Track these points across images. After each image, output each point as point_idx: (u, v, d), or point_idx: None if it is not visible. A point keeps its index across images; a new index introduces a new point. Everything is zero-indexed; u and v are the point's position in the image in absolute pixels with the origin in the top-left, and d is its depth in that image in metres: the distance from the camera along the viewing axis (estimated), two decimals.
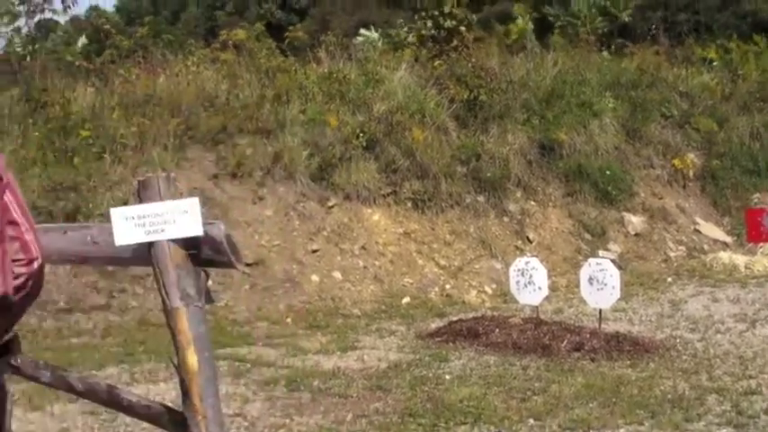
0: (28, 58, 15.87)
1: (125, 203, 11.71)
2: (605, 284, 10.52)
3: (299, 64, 17.65)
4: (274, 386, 9.03)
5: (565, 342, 10.17)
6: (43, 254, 3.27)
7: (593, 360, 9.74)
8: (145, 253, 3.81)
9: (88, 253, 4.30)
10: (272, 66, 16.89)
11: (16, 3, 13.25)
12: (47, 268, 3.35)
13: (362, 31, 24.10)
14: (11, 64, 16.45)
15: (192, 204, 3.68)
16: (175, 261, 3.72)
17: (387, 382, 9.04)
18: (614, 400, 8.23)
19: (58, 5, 13.75)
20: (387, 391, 8.77)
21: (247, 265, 12.40)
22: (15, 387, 6.49)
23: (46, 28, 22.57)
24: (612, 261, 11.75)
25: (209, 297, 3.86)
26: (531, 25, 22.63)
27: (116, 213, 3.81)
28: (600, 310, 10.85)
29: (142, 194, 3.80)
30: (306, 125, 15.54)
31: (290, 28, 21.65)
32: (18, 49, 15.61)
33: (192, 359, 3.72)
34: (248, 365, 9.85)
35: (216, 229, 3.71)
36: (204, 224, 3.69)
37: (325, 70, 17.38)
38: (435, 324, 12.05)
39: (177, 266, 3.72)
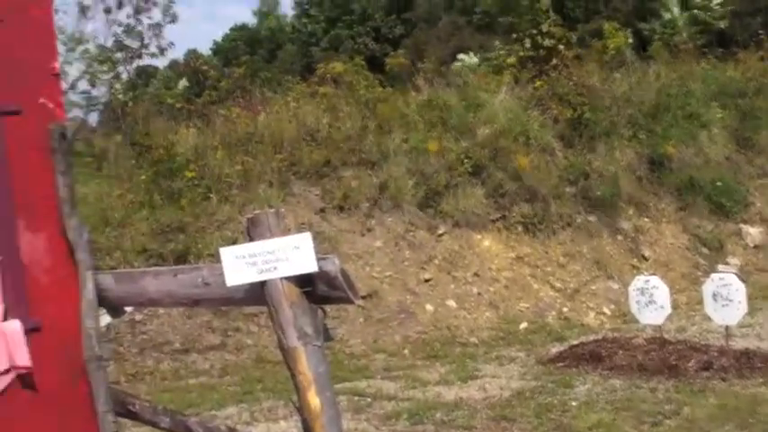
0: (130, 104, 16.10)
1: (234, 242, 11.73)
2: (730, 300, 10.14)
3: (398, 93, 17.58)
4: (396, 420, 8.85)
5: (692, 362, 9.80)
6: None
7: (723, 379, 9.35)
8: (258, 292, 3.68)
9: (200, 295, 4.20)
10: (372, 97, 16.84)
11: (114, 50, 13.45)
12: (161, 310, 3.29)
13: (460, 56, 23.95)
14: (114, 110, 16.72)
15: (305, 240, 3.53)
16: (290, 299, 3.58)
17: (511, 412, 8.79)
18: (751, 420, 7.87)
19: (154, 50, 13.89)
20: (512, 420, 8.53)
21: (361, 297, 12.30)
22: (136, 431, 6.47)
23: (146, 74, 22.97)
24: (736, 275, 11.31)
25: (327, 335, 3.71)
26: (630, 40, 22.18)
27: (226, 253, 3.69)
28: (726, 327, 10.44)
29: (252, 232, 3.67)
30: (409, 154, 15.43)
31: (391, 54, 21.58)
32: (119, 96, 15.85)
33: (314, 401, 3.57)
34: (368, 399, 9.70)
35: (330, 263, 3.55)
36: (318, 259, 3.53)
37: (425, 98, 17.27)
38: (555, 348, 11.77)
39: (292, 305, 3.58)
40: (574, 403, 8.98)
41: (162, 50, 13.67)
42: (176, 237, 13.22)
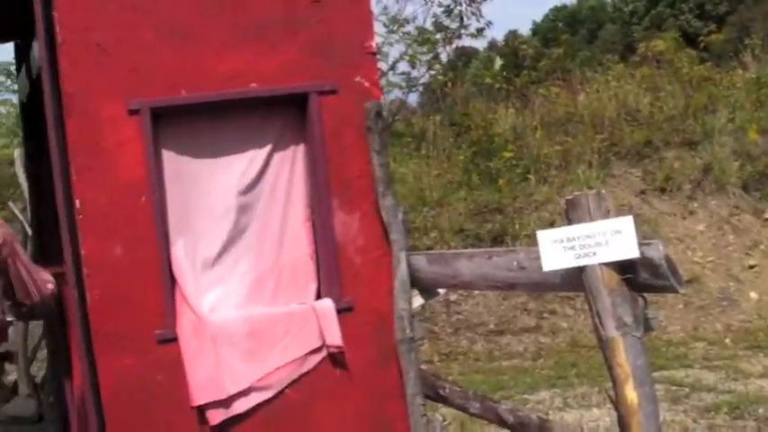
0: (449, 85, 16.21)
1: (551, 224, 11.53)
2: None
3: (722, 71, 16.72)
4: (716, 413, 8.36)
5: None
6: None
7: None
8: (575, 278, 3.49)
9: (515, 279, 4.05)
10: (695, 75, 16.10)
11: (434, 31, 13.56)
12: (476, 291, 3.20)
13: None
14: (433, 91, 16.90)
15: (626, 223, 3.29)
16: (609, 286, 3.35)
17: None
18: None
19: (473, 30, 13.88)
20: None
21: None
22: (446, 412, 6.42)
23: (466, 55, 23.17)
24: None
25: (647, 325, 3.46)
26: None
27: (544, 236, 3.52)
28: None
29: (571, 215, 3.46)
30: (734, 134, 14.62)
31: (714, 31, 20.64)
32: (439, 77, 16.00)
33: (632, 395, 3.34)
34: (686, 390, 9.23)
35: (654, 249, 3.28)
36: (640, 245, 3.27)
37: (753, 76, 16.30)
38: None
39: (611, 292, 3.35)
40: None
41: (480, 30, 13.63)
42: (493, 217, 13.19)
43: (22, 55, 6.61)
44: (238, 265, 4.93)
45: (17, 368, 9.00)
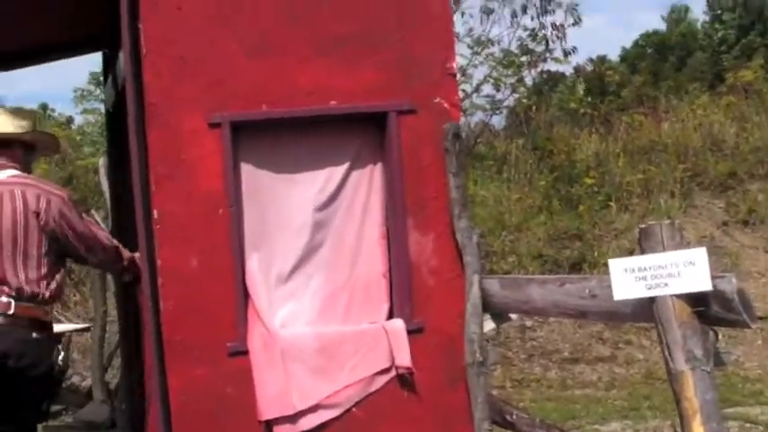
0: (533, 108, 16.15)
1: (631, 253, 11.38)
2: None
3: None
4: None
5: None
6: None
7: None
8: (646, 308, 3.44)
9: (586, 307, 4.00)
10: None
11: (519, 54, 13.51)
12: (552, 317, 3.20)
13: None
14: (517, 114, 16.84)
15: (700, 255, 3.24)
16: (680, 319, 3.29)
17: None
18: None
19: (558, 54, 13.80)
20: None
21: (759, 318, 11.53)
22: None
23: (552, 78, 23.06)
24: None
25: (718, 359, 3.39)
26: None
27: (615, 265, 3.47)
28: None
29: (644, 244, 3.42)
30: None
31: None
32: (524, 100, 15.94)
33: (699, 430, 3.26)
34: (760, 428, 9.03)
35: (726, 282, 3.22)
36: (713, 277, 3.21)
37: None
38: None
39: (682, 325, 3.29)
40: None
41: (566, 54, 13.53)
42: (572, 244, 13.08)
43: (108, 65, 6.75)
44: (311, 281, 4.94)
45: (92, 374, 9.15)
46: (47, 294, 4.78)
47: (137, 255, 5.01)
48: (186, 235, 4.63)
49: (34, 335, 4.69)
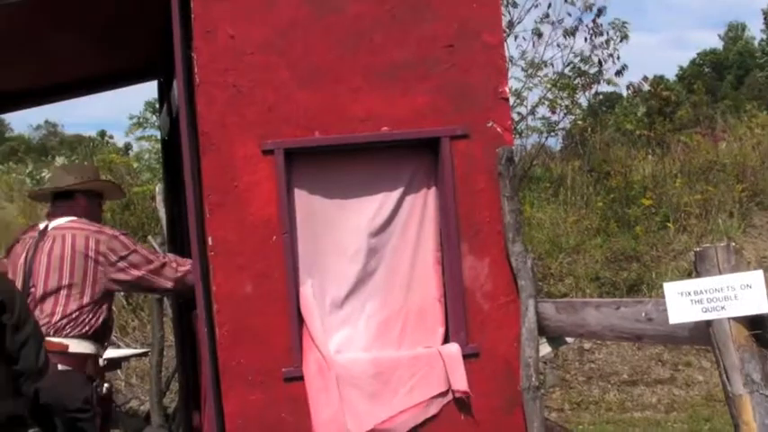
0: (589, 130, 16.06)
1: (689, 274, 11.25)
2: None
3: None
4: None
5: None
6: None
7: None
8: (703, 331, 3.41)
9: (642, 331, 3.97)
10: None
11: (573, 76, 13.44)
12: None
13: None
14: (572, 136, 16.75)
15: (756, 278, 3.20)
16: (738, 342, 3.26)
17: None
18: None
19: (611, 75, 13.69)
20: None
21: None
22: None
23: (608, 100, 22.91)
24: None
25: None
26: None
27: (670, 289, 3.45)
28: None
29: (699, 267, 3.40)
30: None
31: None
32: (579, 122, 15.85)
33: None
34: None
35: None
36: None
37: None
38: None
39: (740, 348, 3.26)
40: None
41: (618, 72, 13.41)
42: (630, 265, 12.96)
43: (163, 93, 6.83)
44: (366, 306, 4.95)
45: (150, 398, 9.22)
46: (89, 330, 5.03)
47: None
48: (241, 261, 4.66)
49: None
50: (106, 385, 5.14)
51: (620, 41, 13.56)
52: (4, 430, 3.95)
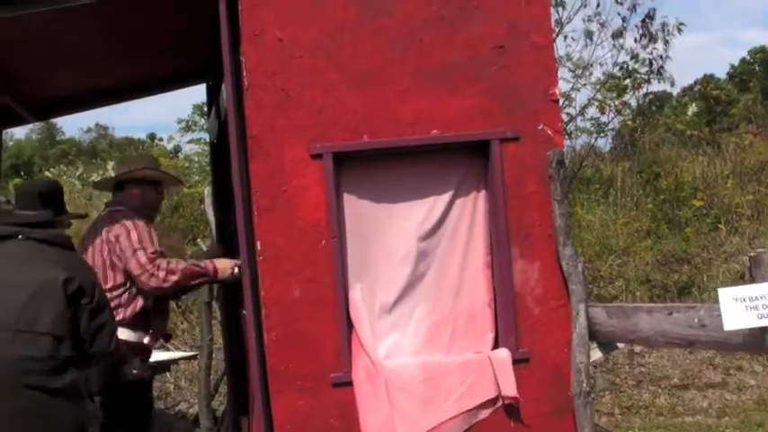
0: (639, 131, 15.91)
1: (741, 277, 11.13)
2: None
3: None
4: None
5: None
6: None
7: None
8: (758, 338, 3.35)
9: (695, 337, 3.90)
10: None
11: (622, 76, 13.28)
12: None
13: None
14: (622, 137, 16.60)
15: None
16: None
17: None
18: None
19: (660, 74, 13.49)
20: None
21: None
22: None
23: (659, 100, 22.69)
24: None
25: None
26: None
27: (725, 294, 3.38)
28: None
29: (754, 272, 3.33)
30: None
31: None
32: (628, 122, 15.71)
33: None
34: None
35: None
36: None
37: None
38: None
39: None
40: None
41: (659, 70, 13.21)
42: (681, 268, 12.81)
43: (212, 96, 6.84)
44: (415, 311, 4.91)
45: (198, 401, 9.24)
46: (123, 318, 5.23)
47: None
48: (289, 266, 4.64)
49: None
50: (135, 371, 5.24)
51: (666, 41, 13.37)
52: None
